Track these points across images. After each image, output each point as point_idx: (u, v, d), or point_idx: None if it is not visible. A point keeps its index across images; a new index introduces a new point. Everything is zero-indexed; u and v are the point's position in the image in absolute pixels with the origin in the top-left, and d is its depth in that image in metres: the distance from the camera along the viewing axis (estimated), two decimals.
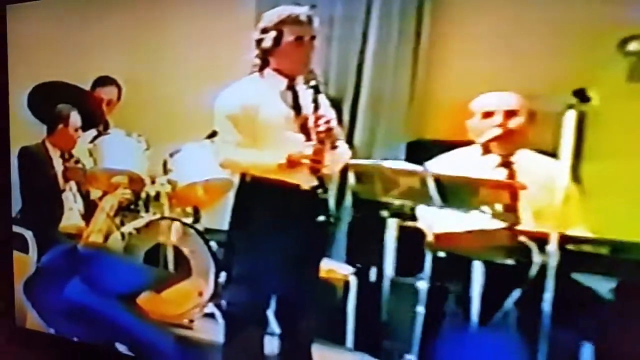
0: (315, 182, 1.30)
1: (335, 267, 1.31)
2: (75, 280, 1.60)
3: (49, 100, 1.68)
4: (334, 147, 1.28)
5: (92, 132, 1.67)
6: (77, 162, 1.65)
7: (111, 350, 1.52)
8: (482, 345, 1.13)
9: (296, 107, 1.31)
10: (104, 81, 1.62)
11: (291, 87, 1.31)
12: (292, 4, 1.27)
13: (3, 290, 1.68)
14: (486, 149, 1.12)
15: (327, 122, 1.27)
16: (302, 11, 1.24)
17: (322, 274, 1.32)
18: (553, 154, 1.04)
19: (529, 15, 1.04)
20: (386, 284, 1.23)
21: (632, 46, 0.97)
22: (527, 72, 1.04)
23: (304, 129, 1.29)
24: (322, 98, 1.29)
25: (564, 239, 1.04)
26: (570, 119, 1.00)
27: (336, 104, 1.29)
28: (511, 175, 1.11)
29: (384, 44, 1.21)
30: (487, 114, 1.10)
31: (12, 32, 1.67)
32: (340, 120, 1.29)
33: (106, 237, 1.62)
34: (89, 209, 1.67)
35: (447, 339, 1.17)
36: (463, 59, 1.11)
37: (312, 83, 1.27)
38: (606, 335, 1.04)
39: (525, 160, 1.11)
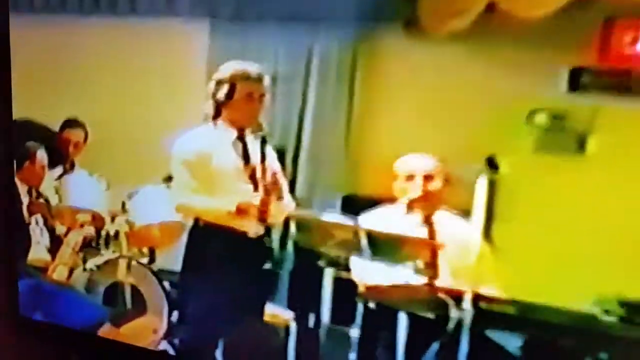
0: (262, 231, 1.37)
1: (278, 312, 1.37)
2: (37, 315, 1.68)
3: (18, 137, 1.75)
4: (279, 198, 1.36)
5: (59, 170, 1.75)
6: (39, 197, 1.72)
7: (116, 341, 1.57)
8: None
9: (245, 157, 1.38)
10: (72, 123, 1.68)
11: (241, 137, 1.38)
12: (242, 59, 1.36)
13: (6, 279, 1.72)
14: (410, 208, 1.19)
15: (273, 174, 1.35)
16: (253, 69, 1.32)
17: (267, 317, 1.39)
18: (469, 215, 1.11)
19: (449, 84, 1.11)
20: (323, 330, 1.30)
21: (539, 119, 1.05)
22: (445, 139, 1.11)
23: (253, 179, 1.37)
24: (269, 150, 1.37)
25: (477, 297, 1.11)
26: (481, 184, 1.08)
27: (281, 157, 1.37)
28: (432, 234, 1.18)
29: (322, 104, 1.28)
30: (409, 177, 1.17)
31: None
32: (284, 172, 1.37)
33: (70, 272, 1.70)
34: (55, 244, 1.74)
35: None
36: (389, 122, 1.18)
37: (260, 134, 1.36)
38: None
39: (443, 220, 1.18)
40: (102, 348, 1.63)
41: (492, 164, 1.06)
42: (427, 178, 1.16)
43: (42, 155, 1.76)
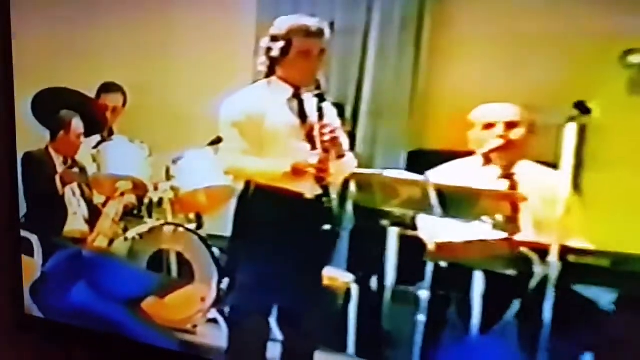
0: (319, 191, 1.31)
1: (337, 275, 1.31)
2: (80, 284, 1.63)
3: (52, 106, 1.69)
4: (340, 156, 1.29)
5: (96, 138, 1.69)
6: (72, 167, 1.66)
7: (123, 338, 1.53)
8: (483, 355, 1.14)
9: (302, 115, 1.31)
10: (109, 88, 1.62)
11: (297, 95, 1.31)
12: (298, 13, 1.29)
13: (11, 277, 1.68)
14: (487, 160, 1.12)
15: (332, 131, 1.27)
16: (313, 23, 1.24)
17: (325, 281, 1.33)
18: (554, 165, 1.04)
19: (530, 27, 1.04)
20: (387, 293, 1.24)
21: (634, 59, 0.98)
22: (528, 84, 1.04)
23: (310, 138, 1.29)
24: (327, 106, 1.29)
25: (565, 250, 1.05)
26: (571, 130, 1.01)
27: (340, 113, 1.30)
28: (512, 186, 1.11)
29: (385, 54, 1.21)
30: (488, 125, 1.10)
31: (16, 35, 1.68)
32: (344, 129, 1.30)
33: (110, 242, 1.64)
34: (93, 214, 1.69)
35: (447, 347, 1.18)
36: (463, 70, 1.11)
37: (317, 92, 1.28)
38: (607, 346, 1.05)
39: (527, 171, 1.11)
40: (107, 345, 1.59)
41: (582, 108, 0.99)
42: (510, 126, 1.09)
43: (77, 123, 1.70)
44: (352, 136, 1.28)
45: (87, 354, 1.72)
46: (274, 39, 1.26)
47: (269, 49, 1.27)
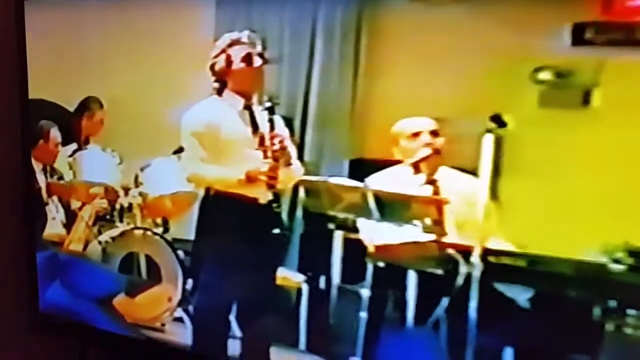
0: (271, 197, 1.40)
1: (289, 275, 1.40)
2: (55, 284, 1.72)
3: (32, 116, 1.78)
4: (288, 164, 1.39)
5: (72, 146, 1.78)
6: (60, 178, 1.76)
7: (136, 338, 1.61)
8: (417, 347, 1.23)
9: (253, 125, 1.41)
10: (91, 102, 1.71)
11: (248, 107, 1.42)
12: (250, 28, 1.38)
13: (26, 276, 1.76)
14: (416, 167, 1.21)
15: (281, 141, 1.38)
16: (243, 34, 1.36)
17: (278, 281, 1.42)
18: (473, 172, 1.13)
19: (453, 44, 1.12)
20: (334, 291, 1.34)
21: (543, 75, 1.06)
22: (451, 98, 1.13)
23: (262, 147, 1.40)
24: (276, 118, 1.39)
25: (486, 252, 1.14)
26: (488, 141, 1.09)
27: (289, 124, 1.39)
28: (436, 192, 1.20)
29: (328, 69, 1.30)
30: (415, 135, 1.20)
31: None
32: (292, 139, 1.39)
33: (85, 245, 1.74)
34: (70, 218, 1.78)
35: (386, 340, 1.27)
36: (394, 84, 1.20)
37: (267, 104, 1.38)
38: (525, 341, 1.13)
39: (447, 177, 1.20)
40: (122, 345, 1.66)
41: (499, 121, 1.07)
42: (433, 134, 1.18)
43: (55, 133, 1.80)
44: (300, 146, 1.38)
45: (103, 354, 1.81)
46: (216, 56, 1.38)
47: (213, 65, 1.39)
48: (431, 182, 1.19)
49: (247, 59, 1.36)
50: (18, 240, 1.79)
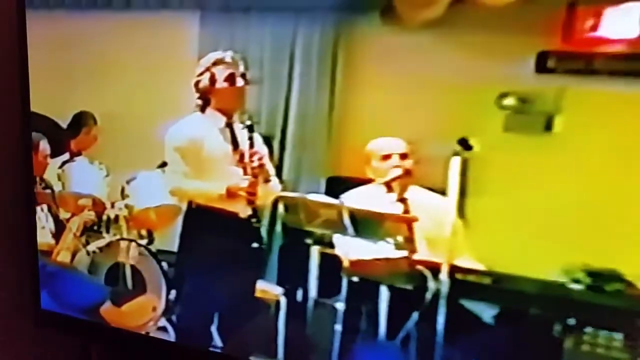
0: (250, 212, 1.45)
1: (268, 288, 1.45)
2: (42, 294, 1.76)
3: None
4: (266, 180, 1.43)
5: (61, 158, 1.82)
6: (46, 187, 1.79)
7: (141, 335, 1.64)
8: (389, 359, 1.27)
9: (234, 143, 1.46)
10: (87, 118, 1.74)
11: (229, 124, 1.47)
12: (229, 49, 1.43)
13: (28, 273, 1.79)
14: (388, 186, 1.26)
15: (260, 158, 1.43)
16: (227, 54, 1.41)
17: (257, 293, 1.47)
18: (441, 192, 1.18)
19: (422, 69, 1.17)
20: (310, 304, 1.38)
21: (507, 101, 1.11)
22: (420, 121, 1.18)
23: (241, 163, 1.44)
24: (256, 136, 1.44)
25: (453, 269, 1.18)
26: (455, 163, 1.14)
27: (268, 142, 1.44)
28: (406, 210, 1.25)
29: (305, 91, 1.34)
30: (386, 157, 1.25)
31: None
32: (271, 157, 1.44)
33: (73, 255, 1.77)
34: (59, 228, 1.82)
35: (360, 353, 1.31)
36: (367, 107, 1.25)
37: (247, 123, 1.43)
38: (489, 355, 1.17)
39: (417, 196, 1.25)
40: (123, 343, 1.70)
41: (465, 145, 1.12)
42: (403, 157, 1.23)
43: (44, 145, 1.85)
44: (279, 163, 1.43)
45: (105, 351, 1.85)
46: (200, 74, 1.43)
47: (197, 83, 1.44)
48: (402, 200, 1.24)
49: (230, 78, 1.41)
50: (20, 238, 1.82)
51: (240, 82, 1.41)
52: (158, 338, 1.62)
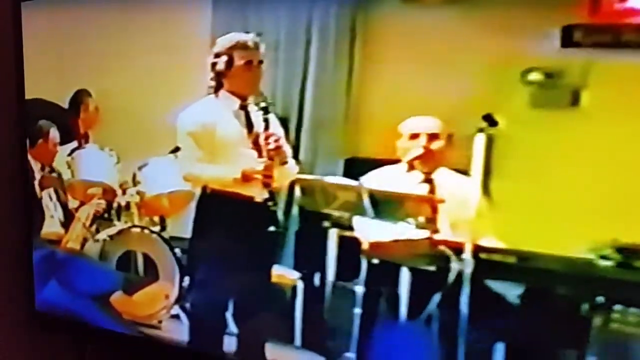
0: (267, 195, 1.42)
1: (284, 273, 1.42)
2: (52, 282, 1.74)
3: (31, 116, 1.80)
4: (283, 163, 1.41)
5: (70, 146, 1.80)
6: (52, 171, 1.77)
7: (132, 335, 1.63)
8: (410, 342, 1.25)
9: (249, 125, 1.43)
10: (81, 95, 1.72)
11: (243, 107, 1.44)
12: (242, 31, 1.40)
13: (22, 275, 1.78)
14: (411, 167, 1.23)
15: (276, 140, 1.40)
16: (249, 38, 1.38)
17: (273, 278, 1.44)
18: (465, 172, 1.15)
19: (445, 47, 1.15)
20: (328, 288, 1.36)
21: (532, 76, 1.09)
22: (445, 99, 1.15)
23: (257, 146, 1.42)
24: (271, 118, 1.41)
25: (477, 249, 1.16)
26: (480, 141, 1.12)
27: (284, 124, 1.42)
28: (432, 191, 1.22)
29: (322, 71, 1.32)
30: (414, 136, 1.22)
31: None
32: (287, 139, 1.41)
33: (83, 244, 1.75)
34: (68, 218, 1.80)
35: (380, 336, 1.29)
36: (389, 86, 1.22)
37: (262, 105, 1.40)
38: (515, 335, 1.16)
39: (444, 177, 1.22)
40: (119, 343, 1.68)
41: (490, 121, 1.10)
42: (432, 137, 1.20)
43: (54, 133, 1.82)
44: (295, 145, 1.40)
45: (100, 352, 1.82)
46: (217, 55, 1.39)
47: (214, 64, 1.40)
48: (428, 180, 1.22)
49: (249, 64, 1.37)
50: (15, 238, 1.81)
51: (256, 64, 1.38)
52: (151, 338, 1.60)
